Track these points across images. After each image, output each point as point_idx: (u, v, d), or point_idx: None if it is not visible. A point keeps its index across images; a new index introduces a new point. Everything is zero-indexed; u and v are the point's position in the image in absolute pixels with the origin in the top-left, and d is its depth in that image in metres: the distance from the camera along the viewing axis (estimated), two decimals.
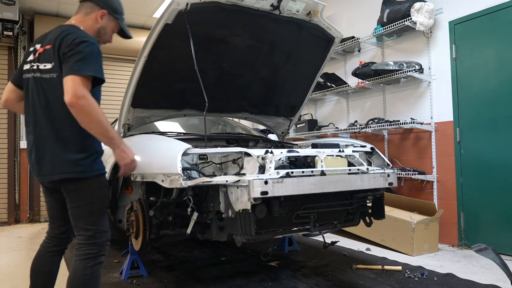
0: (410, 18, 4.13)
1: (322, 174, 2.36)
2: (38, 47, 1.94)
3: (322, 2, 2.95)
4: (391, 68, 4.33)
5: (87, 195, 1.89)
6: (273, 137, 4.09)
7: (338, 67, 5.57)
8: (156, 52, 2.70)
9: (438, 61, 4.20)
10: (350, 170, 2.51)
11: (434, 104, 4.24)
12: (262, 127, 5.38)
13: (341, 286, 2.81)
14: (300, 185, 2.21)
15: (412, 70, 4.18)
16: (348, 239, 4.30)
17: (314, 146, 2.80)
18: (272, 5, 2.78)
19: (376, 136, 4.88)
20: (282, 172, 2.21)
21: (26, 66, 1.97)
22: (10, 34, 5.96)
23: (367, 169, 2.59)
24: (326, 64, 3.52)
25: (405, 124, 4.22)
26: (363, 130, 4.69)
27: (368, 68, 4.59)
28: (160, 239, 2.67)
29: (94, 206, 1.90)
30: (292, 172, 2.25)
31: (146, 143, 2.58)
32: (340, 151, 2.62)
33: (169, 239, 2.75)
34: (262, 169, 2.23)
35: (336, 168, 2.46)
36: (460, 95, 3.99)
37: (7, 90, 2.06)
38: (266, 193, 2.07)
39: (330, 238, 3.99)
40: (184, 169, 2.12)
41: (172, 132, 3.43)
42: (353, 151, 2.75)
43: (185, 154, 2.20)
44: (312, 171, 2.36)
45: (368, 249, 3.89)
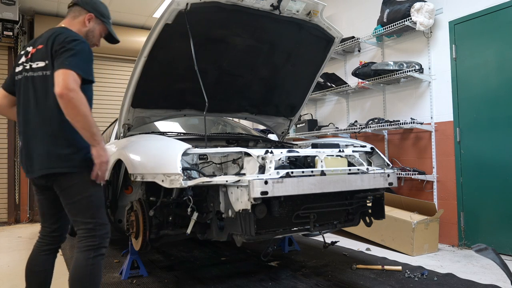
0: (410, 18, 4.13)
1: (322, 174, 2.36)
2: (30, 49, 2.00)
3: (322, 2, 2.95)
4: (391, 68, 4.33)
5: (83, 190, 1.92)
6: (273, 137, 4.09)
7: (338, 67, 5.57)
8: (156, 52, 2.71)
9: (438, 61, 4.20)
10: (350, 170, 2.51)
11: (434, 104, 4.24)
12: (262, 127, 5.39)
13: (341, 286, 2.81)
14: (300, 185, 2.21)
15: (412, 70, 4.18)
16: (348, 239, 4.30)
17: (314, 146, 2.80)
18: (272, 5, 2.78)
19: (376, 136, 4.88)
20: (282, 172, 2.21)
21: (18, 68, 2.02)
22: (10, 34, 5.97)
23: (367, 169, 2.59)
24: (326, 64, 3.52)
25: (405, 124, 4.22)
26: (363, 130, 4.69)
27: (368, 68, 4.59)
28: (160, 239, 2.66)
29: (91, 200, 1.94)
30: (292, 172, 2.25)
31: (146, 143, 2.58)
32: (340, 151, 2.62)
33: (169, 239, 2.75)
34: (262, 169, 2.23)
35: (336, 168, 2.46)
36: (460, 95, 3.99)
37: None
38: (266, 193, 2.07)
39: (330, 238, 3.99)
40: (184, 169, 2.12)
41: (172, 132, 3.43)
42: (353, 151, 2.75)
43: (185, 154, 2.20)
44: (312, 171, 2.36)
45: (368, 249, 3.89)
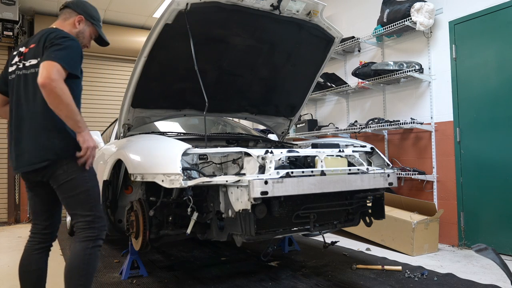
0: (410, 18, 4.13)
1: (322, 174, 2.36)
2: (23, 50, 2.05)
3: (322, 2, 2.95)
4: (391, 68, 4.33)
5: (81, 184, 1.98)
6: (273, 137, 4.08)
7: (338, 67, 5.57)
8: (156, 52, 2.71)
9: (438, 61, 4.20)
10: (350, 170, 2.51)
11: (434, 104, 4.24)
12: (262, 127, 5.39)
13: (341, 286, 2.81)
14: (300, 185, 2.21)
15: (412, 70, 4.18)
16: (348, 239, 4.30)
17: (314, 146, 2.80)
18: (272, 5, 2.78)
19: (376, 136, 4.88)
20: (282, 172, 2.21)
21: (12, 68, 2.07)
22: (10, 34, 5.97)
23: (367, 169, 2.59)
24: (326, 64, 3.52)
25: (405, 124, 4.22)
26: (363, 130, 4.69)
27: (368, 68, 4.59)
28: (160, 239, 2.66)
29: (89, 193, 2.00)
30: (292, 172, 2.25)
31: (146, 143, 2.58)
32: (340, 151, 2.62)
33: (169, 239, 2.74)
34: (262, 169, 2.23)
35: (336, 168, 2.46)
36: (460, 95, 3.99)
37: None
38: (266, 193, 2.07)
39: (330, 238, 3.99)
40: (184, 169, 2.12)
41: (172, 132, 3.43)
42: (353, 151, 2.75)
43: (185, 154, 2.21)
44: (312, 171, 2.35)
45: (368, 249, 3.89)
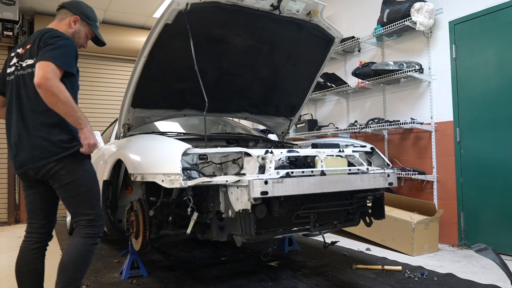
0: (410, 18, 4.13)
1: (322, 174, 2.36)
2: (20, 51, 2.08)
3: (322, 2, 2.95)
4: (391, 68, 4.33)
5: (84, 183, 2.04)
6: (273, 137, 4.08)
7: (338, 67, 5.57)
8: (156, 52, 2.71)
9: (438, 61, 4.20)
10: (350, 170, 2.51)
11: (434, 104, 4.24)
12: (262, 127, 5.39)
13: (341, 286, 2.81)
14: (300, 185, 2.21)
15: (412, 70, 4.18)
16: (348, 239, 4.30)
17: (314, 146, 2.80)
18: (272, 5, 2.78)
19: (376, 136, 4.88)
20: (282, 172, 2.21)
21: (10, 69, 2.10)
22: (10, 34, 5.96)
23: (367, 169, 2.59)
24: (326, 64, 3.52)
25: (405, 124, 4.22)
26: (363, 130, 4.69)
27: (368, 68, 4.59)
28: (160, 239, 2.66)
29: (91, 193, 2.07)
30: (292, 172, 2.25)
31: (146, 143, 2.58)
32: (340, 151, 2.62)
33: (169, 239, 2.75)
34: (262, 169, 2.23)
35: (336, 168, 2.46)
36: (460, 95, 3.99)
37: None
38: (266, 193, 2.07)
39: (330, 238, 3.99)
40: (184, 169, 2.12)
41: (172, 132, 3.43)
42: (353, 151, 2.75)
43: (185, 154, 2.20)
44: (312, 171, 2.35)
45: (368, 249, 3.89)
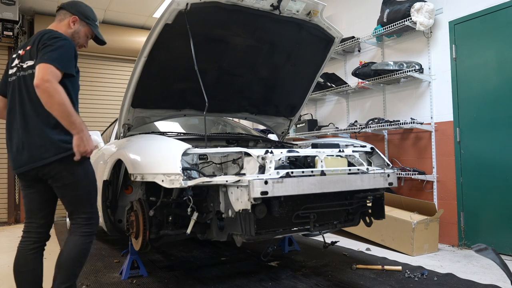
0: (410, 18, 4.13)
1: (322, 174, 2.36)
2: (21, 52, 2.11)
3: (322, 2, 2.95)
4: (391, 68, 4.33)
5: (85, 183, 2.11)
6: (273, 137, 4.08)
7: (338, 67, 5.57)
8: (156, 52, 2.71)
9: (438, 61, 4.20)
10: (350, 170, 2.51)
11: (434, 104, 4.24)
12: (262, 127, 5.39)
13: (341, 286, 2.81)
14: (300, 185, 2.21)
15: (412, 70, 4.18)
16: (348, 239, 4.30)
17: (314, 146, 2.80)
18: (272, 5, 2.78)
19: (376, 136, 4.88)
20: (282, 172, 2.21)
21: (12, 70, 2.12)
22: (10, 34, 5.96)
23: (367, 169, 2.59)
24: (326, 64, 3.52)
25: (405, 124, 4.22)
26: (363, 130, 4.69)
27: (368, 68, 4.59)
28: (160, 239, 2.66)
29: (90, 192, 2.15)
30: (292, 172, 2.25)
31: (146, 143, 2.58)
32: (340, 151, 2.62)
33: (169, 239, 2.74)
34: (262, 169, 2.23)
35: (336, 168, 2.46)
36: (460, 95, 3.99)
37: None
38: (266, 193, 2.07)
39: (330, 238, 3.99)
40: (184, 169, 2.12)
41: (172, 132, 3.42)
42: (353, 151, 2.75)
43: (185, 154, 2.20)
44: (312, 171, 2.35)
45: (368, 249, 3.89)
